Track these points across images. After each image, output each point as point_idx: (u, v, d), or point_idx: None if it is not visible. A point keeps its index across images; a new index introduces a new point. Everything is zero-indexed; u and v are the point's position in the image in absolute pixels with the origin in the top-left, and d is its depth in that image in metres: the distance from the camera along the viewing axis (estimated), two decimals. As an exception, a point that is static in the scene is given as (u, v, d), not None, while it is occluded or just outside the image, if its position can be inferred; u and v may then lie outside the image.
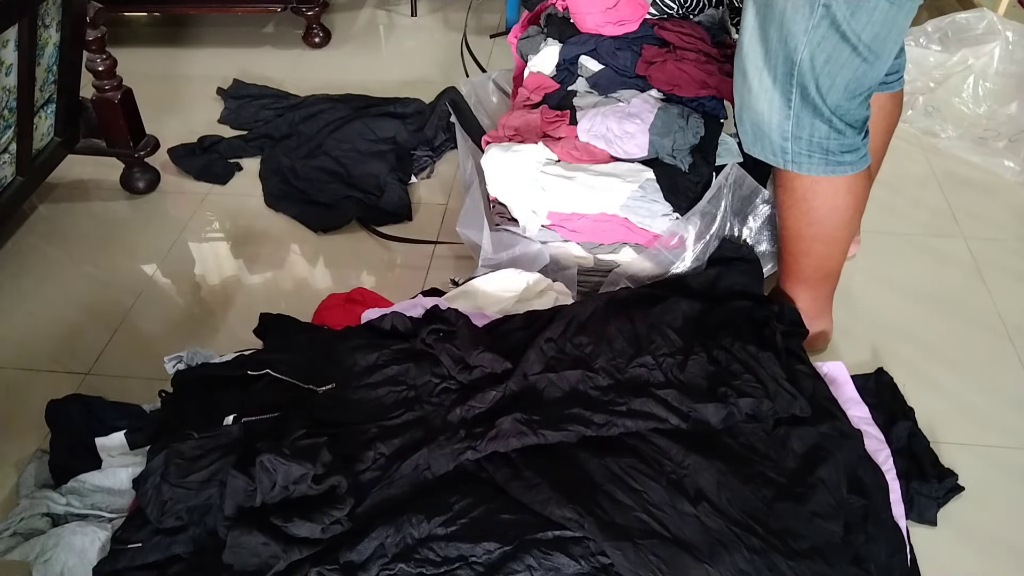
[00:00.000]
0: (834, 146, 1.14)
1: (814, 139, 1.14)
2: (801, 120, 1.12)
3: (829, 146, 1.14)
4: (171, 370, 1.33)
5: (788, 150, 1.16)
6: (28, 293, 1.61)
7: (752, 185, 1.44)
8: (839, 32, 1.02)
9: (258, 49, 2.51)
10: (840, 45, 1.03)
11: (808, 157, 1.15)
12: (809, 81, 1.08)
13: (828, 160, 1.15)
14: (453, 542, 0.97)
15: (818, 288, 1.36)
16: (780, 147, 1.16)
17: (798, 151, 1.15)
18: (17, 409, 1.37)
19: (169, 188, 1.90)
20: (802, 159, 1.16)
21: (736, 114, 1.22)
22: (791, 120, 1.13)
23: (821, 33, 1.03)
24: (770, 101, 1.13)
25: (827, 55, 1.04)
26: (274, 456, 1.02)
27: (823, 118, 1.12)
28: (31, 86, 1.50)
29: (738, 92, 1.19)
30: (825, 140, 1.14)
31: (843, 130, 1.13)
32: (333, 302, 1.50)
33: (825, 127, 1.13)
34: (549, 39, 1.75)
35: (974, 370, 1.41)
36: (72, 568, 1.05)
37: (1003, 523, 1.18)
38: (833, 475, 1.07)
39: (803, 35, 1.04)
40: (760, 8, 1.09)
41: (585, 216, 1.42)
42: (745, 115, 1.19)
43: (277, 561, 0.96)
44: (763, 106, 1.14)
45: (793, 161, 1.16)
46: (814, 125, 1.13)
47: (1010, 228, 1.72)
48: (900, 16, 1.02)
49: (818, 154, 1.15)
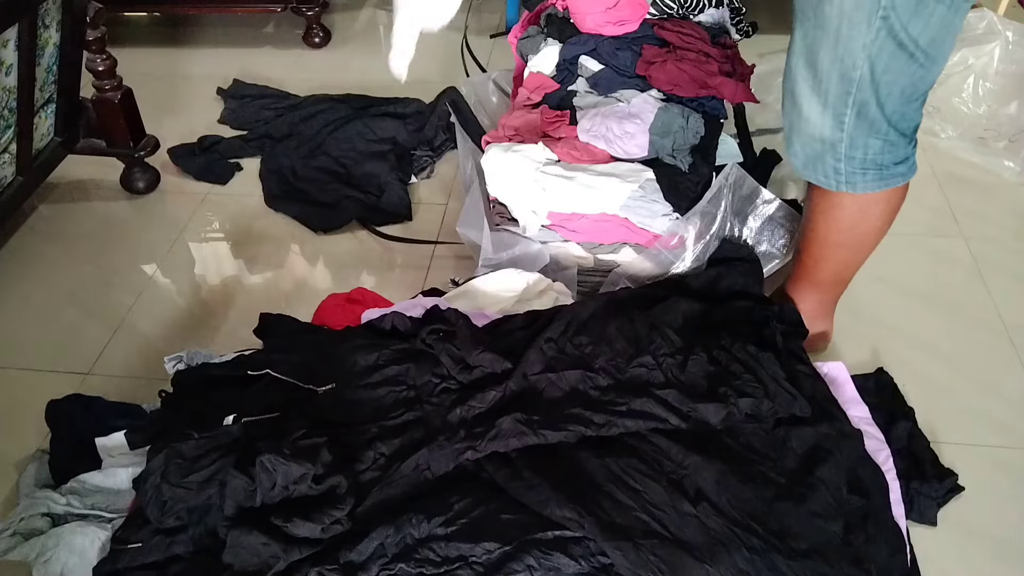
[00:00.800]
0: (887, 160, 1.12)
1: (868, 156, 1.12)
2: (855, 140, 1.10)
3: (883, 161, 1.12)
4: (171, 370, 1.33)
5: (842, 171, 1.13)
6: (28, 293, 1.61)
7: (752, 185, 1.44)
8: (896, 41, 1.00)
9: (258, 49, 2.51)
10: (897, 53, 1.01)
11: (862, 175, 1.13)
12: (869, 96, 1.06)
13: (882, 175, 1.14)
14: (453, 542, 0.97)
15: (828, 293, 1.35)
16: (833, 168, 1.14)
17: (852, 171, 1.13)
18: (17, 409, 1.37)
19: (169, 188, 1.90)
20: (856, 178, 1.14)
21: (786, 137, 1.19)
22: (844, 141, 1.10)
23: (879, 45, 1.01)
24: (822, 123, 1.11)
25: (884, 65, 1.02)
26: (274, 456, 1.02)
27: (878, 133, 1.10)
28: (31, 86, 1.50)
29: (787, 116, 1.16)
30: (879, 155, 1.12)
31: (896, 141, 1.11)
32: (333, 302, 1.50)
33: (879, 142, 1.11)
34: (549, 39, 1.75)
35: (974, 370, 1.41)
36: (72, 568, 1.05)
37: (1003, 523, 1.18)
38: (833, 475, 1.07)
39: (861, 51, 1.02)
40: (808, 31, 1.06)
41: (585, 216, 1.42)
42: (795, 139, 1.16)
43: (277, 561, 0.96)
44: (815, 129, 1.12)
45: (847, 182, 1.14)
46: (867, 143, 1.11)
47: (1010, 228, 1.72)
48: (956, 19, 1.01)
49: (872, 171, 1.13)
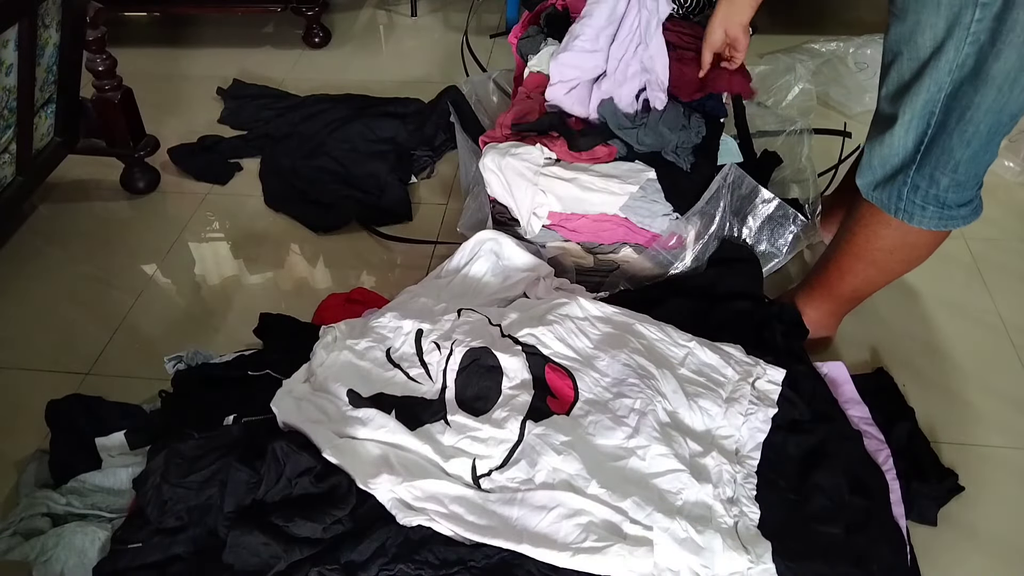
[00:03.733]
0: (952, 199, 1.10)
1: (931, 191, 1.09)
2: (923, 169, 1.08)
3: (947, 199, 1.10)
4: (171, 370, 1.33)
5: (903, 197, 1.11)
6: (28, 293, 1.61)
7: (751, 185, 1.44)
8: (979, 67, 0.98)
9: (258, 49, 2.51)
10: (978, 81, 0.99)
11: (922, 209, 1.11)
12: (950, 120, 1.03)
13: (942, 215, 1.11)
14: (452, 545, 0.97)
15: (842, 306, 1.35)
16: (896, 194, 1.12)
17: (912, 201, 1.10)
18: (17, 409, 1.37)
19: (169, 188, 1.90)
20: (915, 210, 1.11)
21: (864, 158, 1.15)
22: (915, 165, 1.08)
23: (963, 72, 0.99)
24: (904, 143, 1.08)
25: (966, 92, 1.00)
26: (286, 443, 1.02)
27: (947, 168, 1.07)
28: (31, 86, 1.50)
29: (871, 139, 1.14)
30: (943, 193, 1.09)
31: (964, 182, 1.08)
32: (333, 302, 1.50)
33: (947, 180, 1.08)
34: (549, 39, 1.75)
35: (974, 370, 1.41)
36: (72, 568, 1.05)
37: (1003, 523, 1.18)
38: (831, 478, 1.07)
39: (947, 75, 1.00)
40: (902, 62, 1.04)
41: (585, 216, 1.42)
42: (876, 160, 1.13)
43: (278, 561, 0.96)
44: (897, 147, 1.09)
45: (906, 211, 1.12)
46: (934, 176, 1.08)
47: (1010, 228, 1.72)
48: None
49: (932, 206, 1.10)
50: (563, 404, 1.11)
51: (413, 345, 1.21)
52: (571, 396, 1.12)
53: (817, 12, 2.53)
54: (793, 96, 1.99)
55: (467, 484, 1.03)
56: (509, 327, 1.20)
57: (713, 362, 1.18)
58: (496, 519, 0.99)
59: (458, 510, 1.00)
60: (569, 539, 0.96)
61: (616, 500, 0.99)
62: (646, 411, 1.09)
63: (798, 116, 1.89)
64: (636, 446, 1.05)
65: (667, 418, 1.10)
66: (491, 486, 1.03)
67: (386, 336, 1.23)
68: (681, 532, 0.97)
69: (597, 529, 0.97)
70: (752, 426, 1.11)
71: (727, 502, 1.02)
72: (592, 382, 1.13)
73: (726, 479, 1.04)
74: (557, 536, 0.97)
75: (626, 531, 0.97)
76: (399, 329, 1.23)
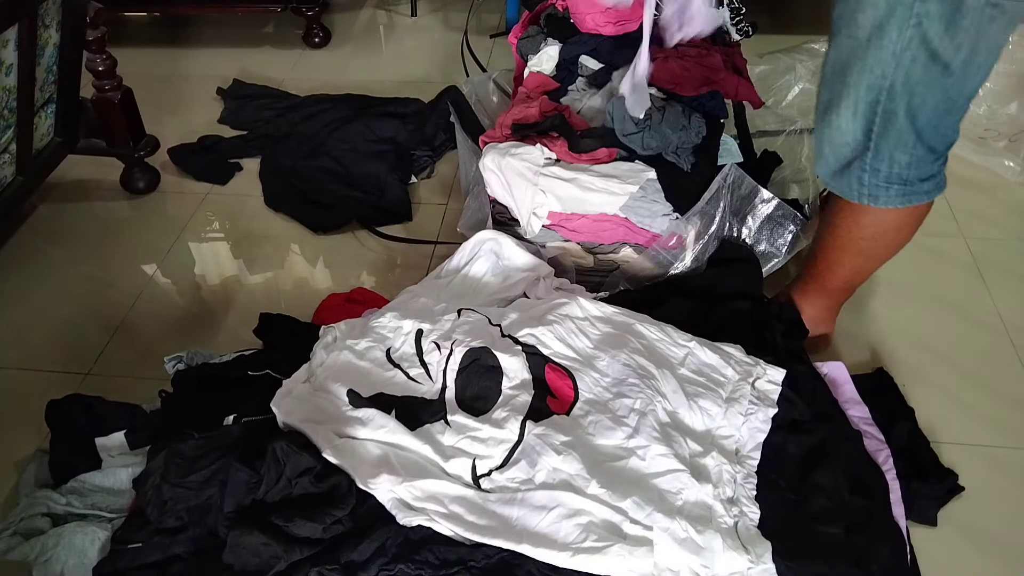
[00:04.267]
0: (913, 175, 1.11)
1: (892, 171, 1.10)
2: (880, 151, 1.09)
3: (908, 176, 1.11)
4: (171, 370, 1.33)
5: (865, 182, 1.12)
6: (28, 293, 1.61)
7: (751, 185, 1.44)
8: (929, 51, 0.98)
9: (258, 49, 2.51)
10: (929, 65, 0.99)
11: (885, 190, 1.12)
12: (899, 106, 1.04)
13: (905, 191, 1.12)
14: (452, 545, 0.97)
15: (836, 298, 1.35)
16: (857, 179, 1.13)
17: (875, 184, 1.12)
18: (17, 409, 1.37)
19: (169, 188, 1.90)
20: (879, 191, 1.12)
21: (815, 147, 1.17)
22: (871, 151, 1.09)
23: (911, 55, 0.99)
24: (853, 131, 1.09)
25: (917, 77, 1.00)
26: (286, 443, 1.02)
27: (905, 147, 1.08)
28: (31, 86, 1.50)
29: (818, 126, 1.15)
30: (904, 171, 1.10)
31: (923, 158, 1.09)
32: (333, 302, 1.50)
33: (905, 157, 1.09)
34: (549, 39, 1.75)
35: (974, 370, 1.41)
36: (72, 568, 1.05)
37: (1003, 523, 1.18)
38: (831, 478, 1.07)
39: (892, 59, 1.00)
40: (843, 40, 1.05)
41: (585, 216, 1.42)
42: (826, 147, 1.14)
43: (278, 561, 0.96)
44: (844, 137, 1.10)
45: (870, 195, 1.13)
46: (893, 156, 1.09)
47: (1010, 228, 1.72)
48: (993, 31, 0.98)
49: (896, 185, 1.11)
50: (563, 404, 1.11)
51: (413, 345, 1.21)
52: (571, 396, 1.12)
53: (817, 12, 2.53)
54: (793, 96, 1.99)
55: (467, 484, 1.03)
56: (509, 327, 1.20)
57: (713, 362, 1.18)
58: (496, 519, 0.99)
59: (458, 510, 1.00)
60: (569, 539, 0.96)
61: (616, 500, 0.99)
62: (646, 411, 1.09)
63: (798, 116, 1.90)
64: (636, 446, 1.05)
65: (667, 418, 1.10)
66: (491, 486, 1.03)
67: (386, 336, 1.23)
68: (681, 532, 0.97)
69: (597, 529, 0.97)
70: (752, 426, 1.11)
71: (727, 502, 1.02)
72: (592, 382, 1.13)
73: (726, 479, 1.04)
74: (557, 536, 0.97)
75: (626, 531, 0.97)
76: (399, 329, 1.23)
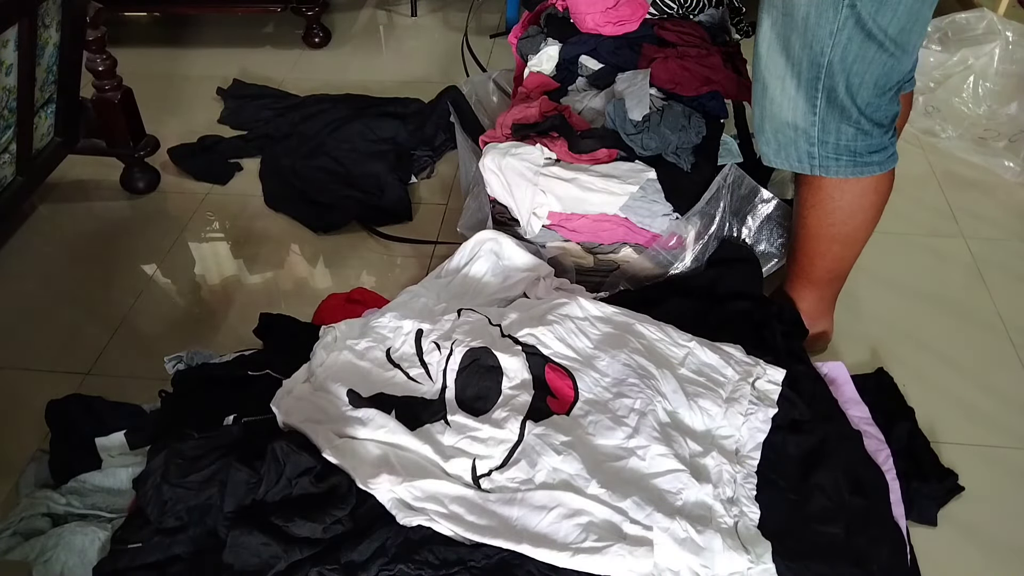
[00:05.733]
0: (861, 147, 1.13)
1: (841, 142, 1.13)
2: (827, 124, 1.11)
3: (856, 148, 1.13)
4: (171, 370, 1.33)
5: (815, 155, 1.14)
6: (28, 293, 1.61)
7: (751, 185, 1.44)
8: (864, 30, 1.02)
9: (258, 49, 2.51)
10: (866, 43, 1.03)
11: (836, 160, 1.14)
12: (839, 82, 1.07)
13: (856, 162, 1.14)
14: (453, 545, 0.97)
15: (825, 290, 1.36)
16: (807, 153, 1.15)
17: (825, 155, 1.14)
18: (17, 409, 1.37)
19: (169, 188, 1.90)
20: (829, 163, 1.15)
21: (756, 125, 1.20)
22: (816, 126, 1.12)
23: (847, 34, 1.02)
24: (794, 108, 1.12)
25: (854, 54, 1.04)
26: (286, 443, 1.02)
27: (850, 120, 1.11)
28: (31, 86, 1.50)
29: (758, 103, 1.18)
30: (852, 142, 1.13)
31: (870, 131, 1.12)
32: (333, 302, 1.50)
33: (852, 129, 1.12)
34: (549, 39, 1.75)
35: (974, 370, 1.41)
36: (72, 568, 1.05)
37: (1003, 523, 1.18)
38: (831, 478, 1.07)
39: (828, 38, 1.03)
40: (777, 18, 1.08)
41: (585, 216, 1.42)
42: (767, 125, 1.17)
43: (278, 561, 0.96)
44: (787, 114, 1.13)
45: (820, 166, 1.15)
46: (840, 128, 1.12)
47: (1010, 228, 1.72)
48: (924, 8, 1.02)
49: (845, 156, 1.14)
50: (563, 404, 1.11)
51: (413, 345, 1.21)
52: (571, 396, 1.12)
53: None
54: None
55: (467, 484, 1.03)
56: (509, 327, 1.20)
57: (713, 362, 1.18)
58: (496, 519, 0.99)
59: (458, 510, 1.00)
60: (569, 539, 0.96)
61: (616, 500, 0.99)
62: (646, 411, 1.09)
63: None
64: (636, 446, 1.05)
65: (667, 418, 1.10)
66: (491, 486, 1.03)
67: (386, 336, 1.23)
68: (681, 532, 0.97)
69: (597, 529, 0.97)
70: (752, 426, 1.11)
71: (727, 502, 1.02)
72: (592, 382, 1.13)
73: (726, 479, 1.04)
74: (557, 536, 0.97)
75: (626, 531, 0.97)
76: (399, 329, 1.23)
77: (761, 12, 1.12)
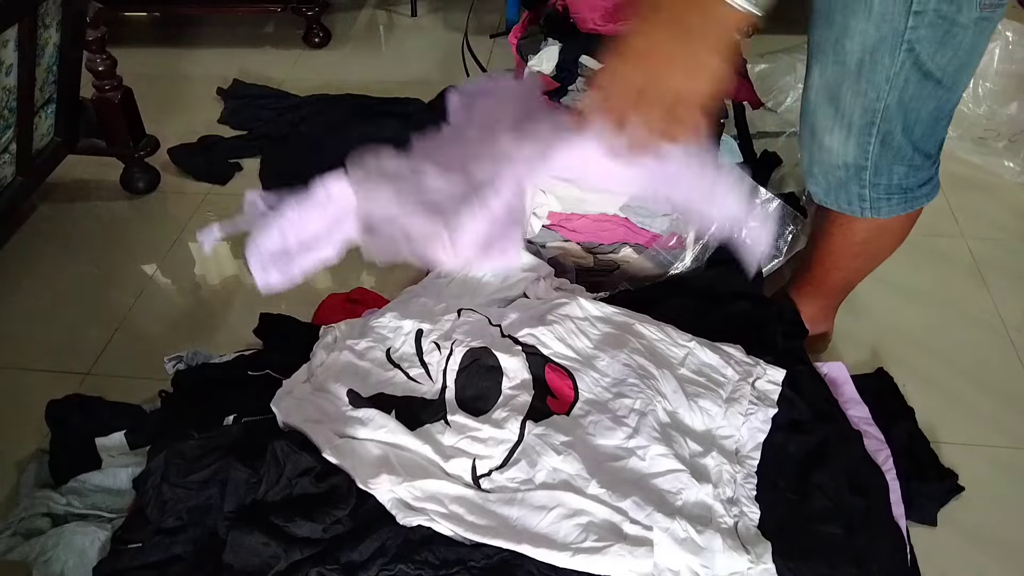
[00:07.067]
0: (912, 183, 1.12)
1: (892, 182, 1.11)
2: (879, 167, 1.10)
3: (907, 184, 1.12)
4: (171, 370, 1.34)
5: (867, 197, 1.13)
6: (29, 293, 1.61)
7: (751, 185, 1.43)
8: (922, 71, 0.99)
9: (258, 49, 2.51)
10: (923, 83, 1.00)
11: (887, 200, 1.13)
12: (895, 125, 1.05)
13: (907, 198, 1.14)
14: (453, 545, 0.97)
15: (834, 298, 1.35)
16: (857, 195, 1.13)
17: (876, 197, 1.13)
18: (17, 409, 1.37)
19: (169, 188, 1.90)
20: (881, 204, 1.13)
21: (805, 168, 1.18)
22: (869, 169, 1.10)
23: (904, 76, 1.00)
24: (846, 152, 1.10)
25: (911, 95, 1.02)
26: (286, 443, 1.02)
27: (903, 160, 1.09)
28: (31, 86, 1.50)
29: (806, 148, 1.16)
30: (903, 180, 1.11)
31: (920, 164, 1.11)
32: (333, 302, 1.50)
33: (904, 168, 1.10)
34: (549, 39, 1.75)
35: (974, 370, 1.41)
36: (72, 568, 1.05)
37: (1003, 523, 1.18)
38: (831, 478, 1.07)
39: (885, 83, 1.01)
40: (827, 66, 1.05)
41: (585, 216, 1.42)
42: (816, 168, 1.15)
43: (278, 561, 0.96)
44: (837, 160, 1.11)
45: (872, 208, 1.14)
46: (892, 169, 1.10)
47: (1010, 228, 1.72)
48: (981, 41, 1.01)
49: (896, 195, 1.13)
50: (563, 404, 1.11)
51: (413, 345, 1.21)
52: (571, 396, 1.12)
53: (817, 12, 2.53)
54: (793, 98, 1.99)
55: (467, 484, 1.03)
56: (509, 327, 1.20)
57: (713, 362, 1.18)
58: (496, 519, 0.99)
59: (458, 510, 1.00)
60: (569, 539, 0.96)
61: (616, 500, 0.99)
62: (646, 411, 1.09)
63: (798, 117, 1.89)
64: (636, 446, 1.05)
65: (667, 418, 1.10)
66: (491, 486, 1.03)
67: (386, 336, 1.23)
68: (681, 532, 0.97)
69: (597, 529, 0.97)
70: (752, 426, 1.11)
71: (727, 502, 1.02)
72: (592, 382, 1.13)
73: (726, 479, 1.04)
74: (557, 536, 0.97)
75: (626, 531, 0.97)
76: (399, 329, 1.23)
77: (810, 59, 1.09)
